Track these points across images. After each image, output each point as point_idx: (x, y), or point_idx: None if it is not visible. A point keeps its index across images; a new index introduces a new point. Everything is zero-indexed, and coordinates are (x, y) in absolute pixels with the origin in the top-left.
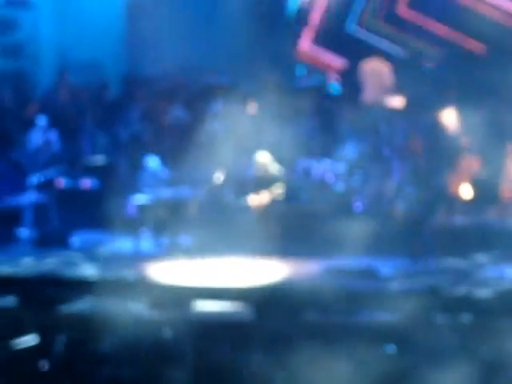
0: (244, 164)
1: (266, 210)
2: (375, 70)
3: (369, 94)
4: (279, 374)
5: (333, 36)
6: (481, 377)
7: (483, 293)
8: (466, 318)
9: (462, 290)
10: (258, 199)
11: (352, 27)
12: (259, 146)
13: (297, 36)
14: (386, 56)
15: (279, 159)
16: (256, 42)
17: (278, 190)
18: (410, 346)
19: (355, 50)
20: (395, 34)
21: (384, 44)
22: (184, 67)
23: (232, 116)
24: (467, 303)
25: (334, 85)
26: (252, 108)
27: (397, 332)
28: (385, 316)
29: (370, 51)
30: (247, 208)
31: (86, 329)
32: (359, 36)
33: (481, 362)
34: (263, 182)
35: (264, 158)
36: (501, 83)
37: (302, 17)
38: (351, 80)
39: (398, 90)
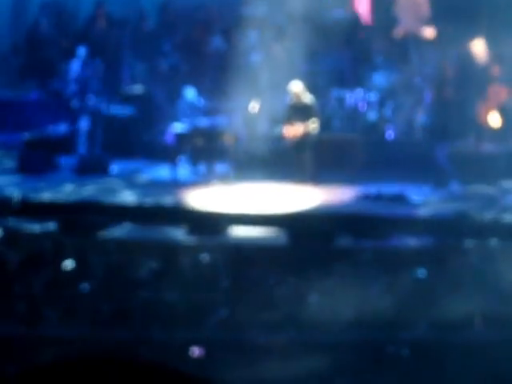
0: (278, 93)
1: (301, 140)
2: (412, 0)
3: (404, 24)
4: (311, 296)
5: None
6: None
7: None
8: (493, 242)
9: (489, 215)
10: (292, 130)
11: None
12: (293, 76)
13: None
14: None
15: (313, 89)
16: None
17: (314, 124)
18: (440, 270)
19: None
20: None
21: None
22: None
23: (267, 47)
24: (495, 228)
25: None
26: (287, 39)
27: (427, 256)
28: (415, 241)
29: None
30: (282, 137)
31: (125, 254)
32: None
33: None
34: (297, 111)
35: (297, 87)
36: None
37: None
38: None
39: (429, 21)
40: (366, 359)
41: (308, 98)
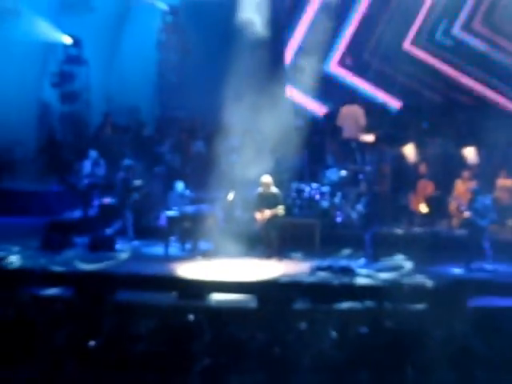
0: (249, 186)
1: (267, 223)
2: (351, 113)
3: (346, 132)
4: (276, 349)
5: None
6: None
7: (431, 284)
8: (421, 305)
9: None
10: (261, 215)
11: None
12: (262, 173)
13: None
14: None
15: (277, 183)
16: (261, 92)
17: (280, 210)
18: (380, 328)
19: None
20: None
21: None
22: (203, 109)
23: (241, 149)
24: (421, 293)
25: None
26: (257, 143)
27: (368, 317)
28: (358, 304)
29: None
30: (252, 221)
31: (127, 314)
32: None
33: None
34: (265, 199)
35: (267, 179)
36: (448, 126)
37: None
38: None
39: (370, 128)
40: None
41: (275, 189)
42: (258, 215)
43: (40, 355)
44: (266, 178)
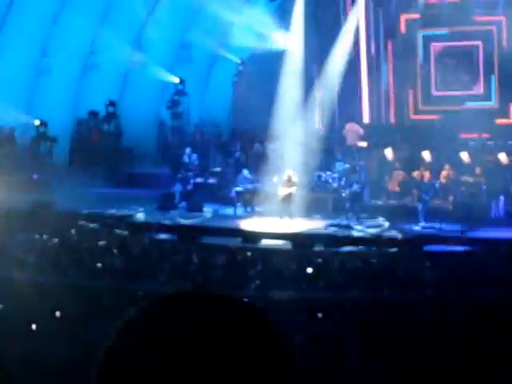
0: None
1: (289, 196)
2: (353, 128)
3: (349, 140)
4: (302, 275)
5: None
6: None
7: (400, 236)
8: (394, 249)
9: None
10: (284, 190)
11: None
12: (295, 165)
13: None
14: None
15: (306, 171)
16: (297, 113)
17: (295, 189)
18: (368, 262)
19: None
20: None
21: None
22: (259, 123)
23: (284, 150)
24: (394, 242)
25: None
26: (293, 144)
27: (361, 256)
28: (354, 248)
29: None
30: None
31: (211, 250)
32: None
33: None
34: (287, 183)
35: (289, 172)
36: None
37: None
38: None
39: (364, 139)
40: None
41: (295, 177)
42: (282, 191)
43: (154, 274)
44: (289, 171)
